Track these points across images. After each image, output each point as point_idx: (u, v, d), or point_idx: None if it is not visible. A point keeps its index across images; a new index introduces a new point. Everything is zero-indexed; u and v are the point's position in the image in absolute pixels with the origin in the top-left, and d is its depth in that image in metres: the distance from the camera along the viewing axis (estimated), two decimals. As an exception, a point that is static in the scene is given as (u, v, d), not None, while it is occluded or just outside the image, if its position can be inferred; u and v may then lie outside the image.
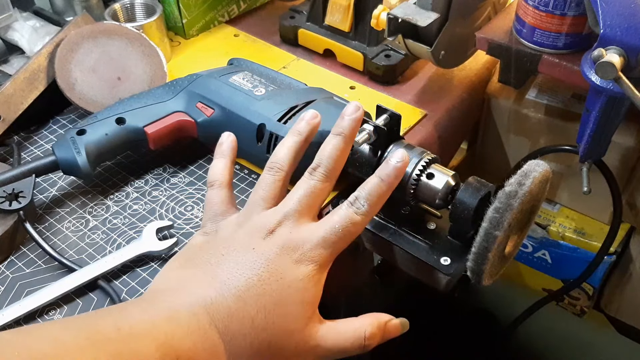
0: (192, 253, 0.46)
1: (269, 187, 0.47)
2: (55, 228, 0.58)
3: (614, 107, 0.58)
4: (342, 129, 0.48)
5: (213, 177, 0.50)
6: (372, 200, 0.45)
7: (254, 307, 0.42)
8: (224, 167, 0.51)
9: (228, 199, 0.49)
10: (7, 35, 0.73)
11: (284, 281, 0.43)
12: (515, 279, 0.91)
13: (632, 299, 0.84)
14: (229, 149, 0.52)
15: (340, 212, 0.45)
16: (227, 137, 0.52)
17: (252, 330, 0.41)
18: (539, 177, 0.45)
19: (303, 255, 0.44)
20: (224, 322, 0.41)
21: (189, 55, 0.81)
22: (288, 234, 0.44)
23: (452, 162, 0.84)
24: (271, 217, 0.45)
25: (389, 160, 0.46)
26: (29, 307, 0.50)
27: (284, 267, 0.43)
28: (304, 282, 0.43)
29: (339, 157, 0.47)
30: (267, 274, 0.43)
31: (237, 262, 0.43)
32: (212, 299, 0.41)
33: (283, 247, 0.44)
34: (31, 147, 0.67)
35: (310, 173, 0.47)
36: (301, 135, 0.49)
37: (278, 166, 0.48)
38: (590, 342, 1.04)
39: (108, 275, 0.53)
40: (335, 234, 0.44)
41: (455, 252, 0.51)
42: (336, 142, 0.48)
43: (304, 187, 0.46)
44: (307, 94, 0.61)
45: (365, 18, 0.74)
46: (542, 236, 0.82)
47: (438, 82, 0.76)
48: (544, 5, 0.62)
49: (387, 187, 0.46)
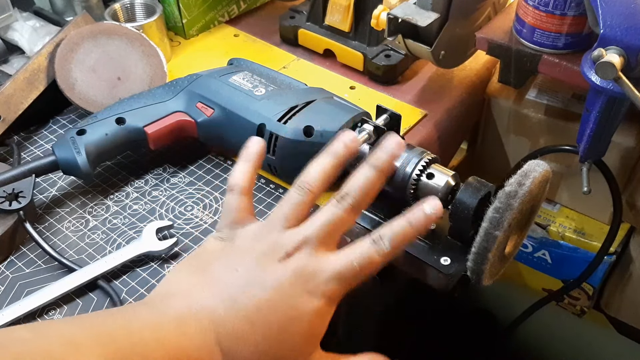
0: (205, 259, 0.45)
1: (294, 206, 0.45)
2: (55, 228, 0.58)
3: (614, 107, 0.58)
4: (379, 162, 0.44)
5: (234, 181, 0.47)
6: (396, 242, 0.43)
7: (260, 332, 0.41)
8: (246, 172, 0.48)
9: (247, 206, 0.47)
10: (7, 35, 0.73)
11: (294, 311, 0.42)
12: (515, 279, 0.91)
13: (632, 299, 0.84)
14: (255, 154, 0.48)
15: (361, 249, 0.43)
16: (255, 142, 0.49)
17: (254, 355, 0.41)
18: (539, 177, 0.45)
19: (316, 287, 0.42)
20: (229, 343, 0.40)
21: (189, 55, 0.81)
22: (305, 261, 0.42)
23: (452, 162, 0.84)
24: (290, 240, 0.43)
25: (423, 206, 0.43)
26: (29, 307, 0.50)
27: (295, 296, 0.42)
28: (313, 315, 0.42)
29: (370, 190, 0.44)
30: (277, 299, 0.41)
31: (249, 280, 0.42)
32: (222, 316, 0.41)
33: (297, 275, 0.42)
34: (31, 147, 0.67)
35: (338, 201, 0.44)
36: (337, 158, 0.45)
37: (308, 186, 0.45)
38: (590, 342, 1.04)
39: (108, 275, 0.53)
40: (352, 270, 0.42)
41: (455, 252, 0.51)
42: (370, 174, 0.44)
43: (328, 215, 0.44)
44: (307, 94, 0.61)
45: (365, 18, 0.74)
46: (542, 236, 0.82)
47: (438, 82, 0.76)
48: (544, 5, 0.62)
49: (414, 232, 0.43)
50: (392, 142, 0.45)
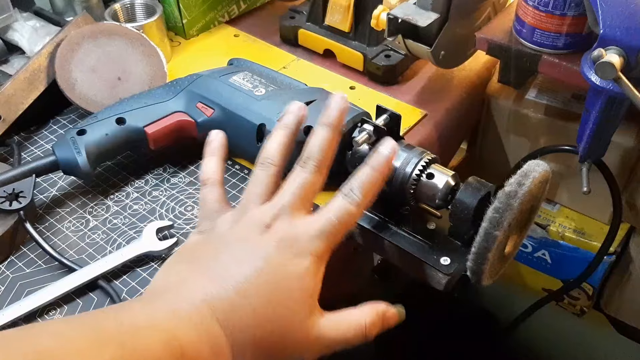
0: (189, 251, 0.47)
1: (262, 182, 0.47)
2: (55, 228, 0.58)
3: (614, 107, 0.58)
4: (329, 119, 0.48)
5: (206, 175, 0.50)
6: (366, 190, 0.45)
7: (254, 298, 0.42)
8: (215, 165, 0.51)
9: (222, 196, 0.50)
10: (8, 35, 0.73)
11: (284, 274, 0.43)
12: (515, 279, 0.91)
13: (631, 299, 0.84)
14: (219, 146, 0.52)
15: (335, 204, 0.45)
16: (215, 135, 0.52)
17: (254, 322, 0.41)
18: (538, 177, 0.45)
19: (301, 249, 0.44)
20: (226, 315, 0.41)
21: (189, 55, 0.81)
22: (285, 227, 0.44)
23: (452, 162, 0.84)
24: (267, 212, 0.45)
25: (379, 149, 0.46)
26: (29, 307, 0.50)
27: (283, 261, 0.43)
28: (304, 274, 0.43)
29: (328, 147, 0.47)
30: (266, 268, 0.43)
31: (234, 256, 0.43)
32: (213, 293, 0.41)
33: (281, 241, 0.44)
34: (31, 147, 0.67)
35: (302, 166, 0.47)
36: (288, 128, 0.49)
37: (269, 161, 0.48)
38: (590, 342, 1.04)
39: (108, 275, 0.53)
40: (331, 225, 0.44)
41: (455, 252, 0.51)
42: (324, 133, 0.47)
43: (297, 180, 0.46)
44: (307, 94, 0.61)
45: (365, 18, 0.74)
46: (542, 236, 0.82)
47: (438, 82, 0.76)
48: (544, 5, 0.62)
49: (379, 175, 0.46)
50: (337, 98, 0.49)
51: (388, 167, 0.46)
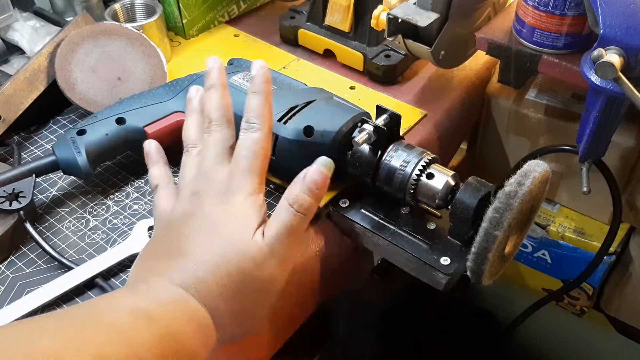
0: (149, 247, 0.49)
1: (187, 166, 0.51)
2: (55, 228, 0.58)
3: (614, 107, 0.58)
4: (212, 81, 0.52)
5: (154, 181, 0.53)
6: (260, 114, 0.49)
7: (209, 258, 0.44)
8: (159, 170, 0.54)
9: (173, 194, 0.52)
10: (8, 35, 0.73)
11: (226, 218, 0.46)
12: (515, 279, 0.91)
13: (631, 299, 0.84)
14: (157, 152, 0.55)
15: (242, 142, 0.48)
16: (149, 145, 0.55)
17: (215, 267, 0.44)
18: (538, 177, 0.45)
19: (237, 192, 0.47)
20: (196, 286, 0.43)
21: (189, 55, 0.81)
22: (213, 186, 0.48)
23: (452, 162, 0.84)
24: (194, 183, 0.49)
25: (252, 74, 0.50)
26: (29, 307, 0.50)
27: (223, 210, 0.46)
28: (245, 208, 0.46)
29: (222, 103, 0.51)
30: (210, 223, 0.46)
31: (182, 232, 0.46)
32: (180, 273, 0.43)
33: (215, 197, 0.47)
34: (31, 147, 0.67)
35: (206, 132, 0.51)
36: (196, 111, 0.54)
37: (191, 145, 0.52)
38: (589, 342, 1.04)
39: (106, 273, 0.53)
40: (247, 159, 0.47)
41: (455, 252, 0.51)
42: (213, 93, 0.52)
43: (208, 144, 0.50)
44: (307, 94, 0.61)
45: (365, 18, 0.74)
46: (542, 236, 0.82)
47: (438, 82, 0.76)
48: (544, 5, 0.62)
49: (265, 96, 0.50)
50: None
51: (265, 84, 0.50)
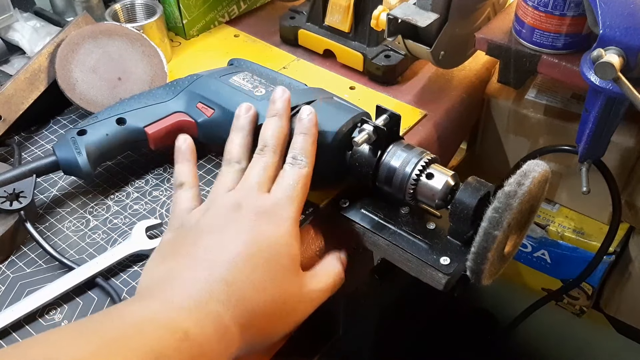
0: (168, 248, 0.48)
1: (228, 177, 0.51)
2: (55, 228, 0.58)
3: (613, 107, 0.58)
4: (277, 110, 0.54)
5: (180, 178, 0.53)
6: (307, 152, 0.51)
7: (248, 270, 0.44)
8: (187, 169, 0.54)
9: (196, 196, 0.52)
10: (8, 35, 0.73)
11: (269, 242, 0.46)
12: (514, 278, 0.91)
13: (631, 299, 0.84)
14: (188, 151, 0.56)
15: (289, 173, 0.50)
16: (183, 141, 0.56)
17: (252, 292, 0.43)
18: (538, 177, 0.46)
19: (277, 217, 0.47)
20: (225, 293, 0.42)
21: (189, 55, 0.81)
22: (256, 203, 0.48)
23: (452, 162, 0.84)
24: (236, 195, 0.49)
25: (301, 117, 0.53)
26: (29, 307, 0.50)
27: (264, 231, 0.46)
28: (286, 237, 0.47)
29: (280, 133, 0.53)
30: (250, 240, 0.45)
31: (215, 239, 0.46)
32: (206, 276, 0.43)
33: (257, 214, 0.47)
34: (32, 147, 0.67)
35: (259, 153, 0.52)
36: (245, 130, 0.55)
37: (235, 160, 0.53)
38: (589, 341, 1.05)
39: (106, 273, 0.53)
40: (294, 189, 0.49)
41: (454, 252, 0.51)
42: (275, 122, 0.53)
43: (258, 165, 0.51)
44: (307, 94, 0.61)
45: (365, 18, 0.74)
46: (542, 236, 0.82)
47: (438, 82, 0.76)
48: (544, 5, 0.62)
49: (312, 138, 0.52)
50: (279, 92, 0.55)
51: (316, 128, 0.53)
